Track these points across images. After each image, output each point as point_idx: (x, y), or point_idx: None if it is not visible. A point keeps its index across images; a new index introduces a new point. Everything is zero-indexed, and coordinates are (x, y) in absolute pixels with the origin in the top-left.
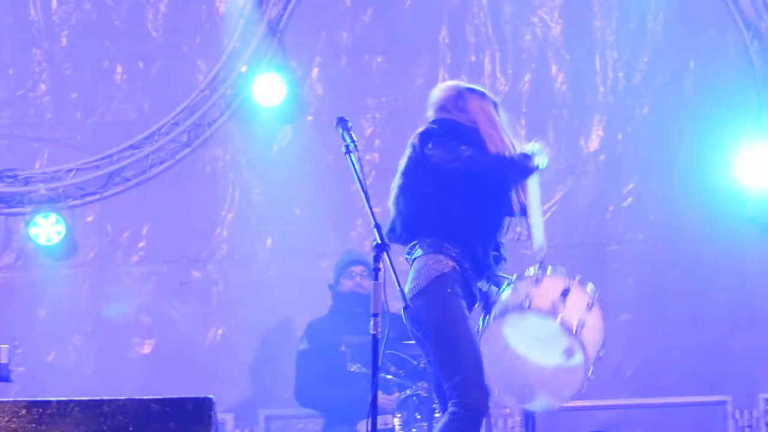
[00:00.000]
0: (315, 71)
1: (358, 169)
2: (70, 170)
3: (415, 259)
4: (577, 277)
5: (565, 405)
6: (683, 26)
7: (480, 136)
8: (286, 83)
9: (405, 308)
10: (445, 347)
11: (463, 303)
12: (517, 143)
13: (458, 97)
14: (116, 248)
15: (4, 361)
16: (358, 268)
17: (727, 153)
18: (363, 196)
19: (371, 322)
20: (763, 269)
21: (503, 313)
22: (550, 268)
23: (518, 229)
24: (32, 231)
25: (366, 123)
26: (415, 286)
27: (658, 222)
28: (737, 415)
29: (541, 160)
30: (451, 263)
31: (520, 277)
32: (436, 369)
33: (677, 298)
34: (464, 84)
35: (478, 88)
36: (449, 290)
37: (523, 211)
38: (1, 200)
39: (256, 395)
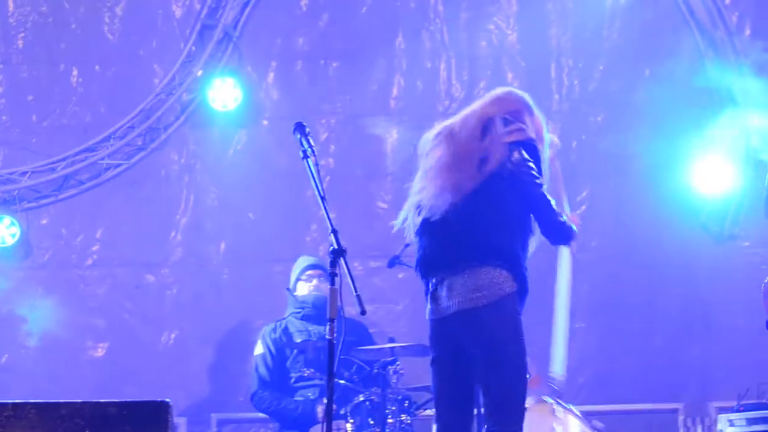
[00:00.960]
0: (271, 76)
1: (315, 175)
2: (25, 173)
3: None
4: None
5: None
6: (639, 34)
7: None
8: (241, 88)
9: (471, 312)
10: (513, 377)
11: None
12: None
13: (545, 128)
14: (71, 251)
15: None
16: (315, 272)
17: (682, 161)
18: (320, 201)
19: (327, 327)
20: (716, 277)
21: None
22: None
23: None
24: None
25: (321, 128)
26: (487, 294)
27: (611, 229)
28: (689, 423)
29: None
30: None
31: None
32: (492, 391)
33: (631, 305)
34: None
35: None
36: (520, 314)
37: None
38: None
39: (209, 399)
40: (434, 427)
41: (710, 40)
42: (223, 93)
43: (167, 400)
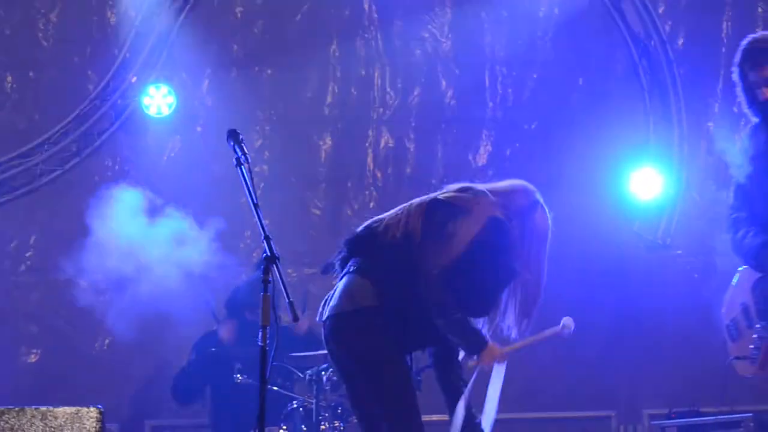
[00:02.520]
0: (205, 83)
1: (248, 181)
2: None
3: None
4: None
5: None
6: (572, 44)
7: None
8: (175, 94)
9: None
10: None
11: None
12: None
13: None
14: (4, 257)
15: None
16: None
17: (615, 169)
18: (253, 208)
19: (260, 334)
20: (649, 285)
21: None
22: None
23: None
24: None
25: (255, 135)
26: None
27: None
28: (621, 430)
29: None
30: None
31: None
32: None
33: (563, 312)
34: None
35: None
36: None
37: None
38: None
39: (143, 405)
40: None
41: (644, 49)
42: (158, 99)
43: (99, 406)
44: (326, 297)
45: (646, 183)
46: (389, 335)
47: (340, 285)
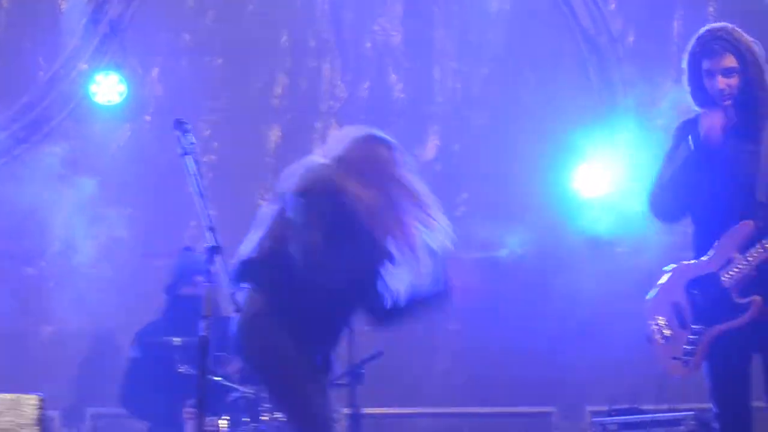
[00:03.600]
0: (155, 71)
1: (194, 172)
2: None
3: None
4: None
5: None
6: (522, 39)
7: None
8: (125, 82)
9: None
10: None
11: None
12: None
13: None
14: None
15: None
16: (200, 278)
17: (563, 165)
18: (198, 198)
19: (201, 324)
20: (594, 282)
21: None
22: None
23: None
24: None
25: (204, 125)
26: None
27: (491, 232)
28: (563, 427)
29: None
30: None
31: None
32: None
33: (507, 308)
34: None
35: None
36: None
37: None
38: None
39: (85, 393)
40: None
41: (594, 45)
42: (107, 87)
43: (39, 393)
44: None
45: (592, 179)
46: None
47: None
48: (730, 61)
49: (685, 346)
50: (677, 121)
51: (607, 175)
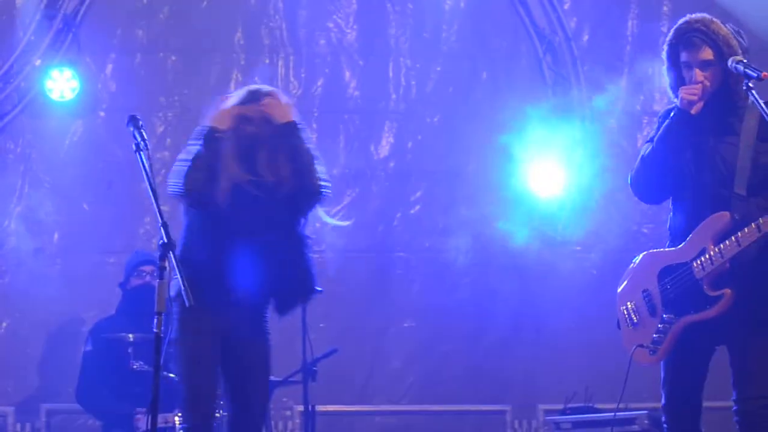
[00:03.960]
0: (109, 67)
1: (147, 168)
2: None
3: None
4: None
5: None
6: (477, 37)
7: None
8: (79, 78)
9: None
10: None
11: None
12: None
13: None
14: None
15: None
16: (148, 268)
17: (516, 163)
18: (151, 194)
19: (155, 321)
20: (546, 281)
21: None
22: None
23: None
24: None
25: (158, 121)
26: None
27: (444, 230)
28: (516, 425)
29: None
30: None
31: None
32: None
33: (461, 306)
34: None
35: None
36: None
37: None
38: None
39: (39, 389)
40: None
41: (549, 44)
42: (61, 83)
43: None
44: None
45: (547, 178)
46: None
47: None
48: (707, 54)
49: (653, 335)
50: (630, 120)
51: (561, 174)
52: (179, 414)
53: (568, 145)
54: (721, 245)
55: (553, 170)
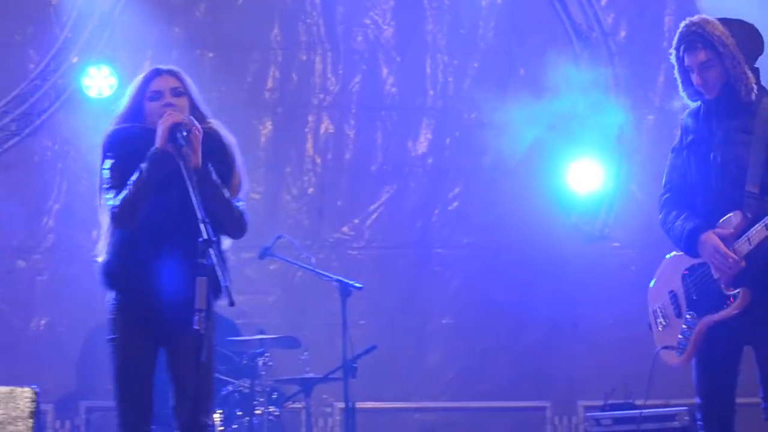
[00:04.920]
0: (146, 64)
1: (187, 165)
2: None
3: None
4: None
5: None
6: (514, 33)
7: None
8: (116, 75)
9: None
10: None
11: None
12: None
13: None
14: None
15: None
16: None
17: (555, 160)
18: (191, 191)
19: (196, 318)
20: (585, 277)
21: None
22: None
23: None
24: None
25: None
26: None
27: (483, 227)
28: (556, 422)
29: None
30: None
31: None
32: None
33: (500, 303)
34: None
35: None
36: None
37: None
38: None
39: (78, 386)
40: None
41: (586, 41)
42: (98, 80)
43: (34, 386)
44: None
45: (585, 175)
46: None
47: None
48: (704, 56)
49: (679, 336)
50: (668, 116)
51: (600, 170)
52: (220, 411)
53: (606, 141)
54: (735, 244)
55: (592, 166)
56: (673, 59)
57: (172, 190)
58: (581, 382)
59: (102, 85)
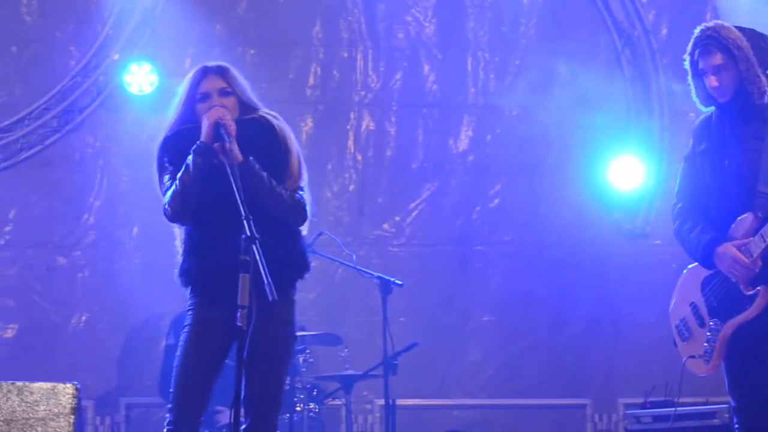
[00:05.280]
0: (187, 62)
1: (230, 162)
2: None
3: None
4: None
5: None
6: (555, 30)
7: None
8: (158, 73)
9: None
10: None
11: None
12: None
13: None
14: None
15: None
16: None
17: (596, 157)
18: (235, 188)
19: (238, 315)
20: (626, 274)
21: None
22: None
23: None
24: None
25: None
26: None
27: (524, 224)
28: (596, 419)
29: None
30: None
31: None
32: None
33: (540, 300)
34: None
35: None
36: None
37: None
38: None
39: (118, 383)
40: None
41: (627, 38)
42: (140, 77)
43: (75, 382)
44: None
45: (627, 172)
46: None
47: None
48: (719, 59)
49: (704, 344)
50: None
51: (641, 167)
52: None
53: (647, 138)
54: (749, 244)
55: (633, 164)
56: (687, 65)
57: (225, 187)
58: (621, 380)
59: (143, 82)
